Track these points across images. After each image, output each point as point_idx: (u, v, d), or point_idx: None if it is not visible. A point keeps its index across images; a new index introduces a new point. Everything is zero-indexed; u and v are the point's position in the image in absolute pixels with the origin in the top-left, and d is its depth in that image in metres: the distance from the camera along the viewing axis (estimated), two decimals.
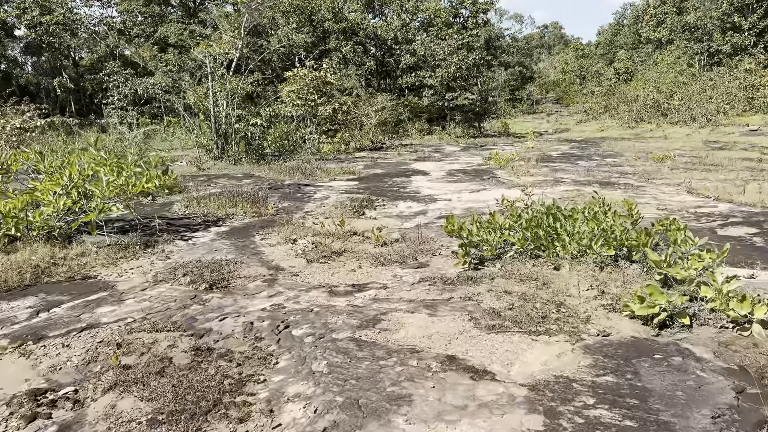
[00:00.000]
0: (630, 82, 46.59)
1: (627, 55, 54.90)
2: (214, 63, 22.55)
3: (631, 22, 61.78)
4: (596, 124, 41.15)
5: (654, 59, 54.17)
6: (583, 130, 40.06)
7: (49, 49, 41.25)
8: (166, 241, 9.71)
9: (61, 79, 40.78)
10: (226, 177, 18.79)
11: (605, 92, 44.56)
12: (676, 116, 37.28)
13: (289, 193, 15.00)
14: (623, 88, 44.13)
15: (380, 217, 12.02)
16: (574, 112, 46.94)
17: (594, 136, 36.21)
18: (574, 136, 35.78)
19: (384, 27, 43.62)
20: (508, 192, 14.42)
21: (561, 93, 55.29)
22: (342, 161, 23.14)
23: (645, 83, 42.30)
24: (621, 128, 38.41)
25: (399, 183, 16.67)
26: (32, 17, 39.61)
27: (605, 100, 43.36)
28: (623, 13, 65.21)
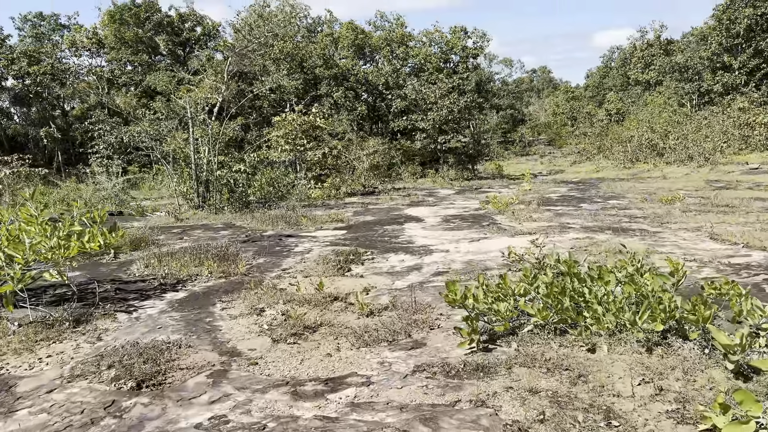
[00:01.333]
0: (622, 123, 45.43)
1: (617, 96, 54.02)
2: (195, 108, 20.99)
3: (619, 64, 61.21)
4: (591, 165, 39.73)
5: (644, 100, 53.31)
6: (578, 171, 38.61)
7: (37, 99, 39.87)
8: (104, 314, 7.79)
9: (49, 129, 39.29)
10: (204, 228, 16.95)
11: (598, 133, 43.32)
12: (672, 156, 35.89)
13: (267, 246, 13.14)
14: (616, 129, 42.91)
15: (368, 275, 10.15)
16: (568, 154, 45.59)
17: (590, 177, 34.72)
18: (570, 178, 34.28)
19: (375, 72, 42.60)
20: (512, 241, 12.61)
21: (553, 135, 54.11)
22: (331, 207, 21.37)
23: (638, 123, 41.09)
24: (617, 169, 36.98)
25: (391, 232, 14.84)
26: (20, 68, 38.33)
27: (599, 140, 42.07)
28: (611, 56, 64.82)
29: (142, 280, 10.06)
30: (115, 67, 39.55)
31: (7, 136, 43.22)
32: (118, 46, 38.30)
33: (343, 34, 43.92)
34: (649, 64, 56.41)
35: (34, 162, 38.15)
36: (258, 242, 13.73)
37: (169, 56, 38.90)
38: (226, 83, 21.31)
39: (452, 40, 45.91)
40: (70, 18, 44.46)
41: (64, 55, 40.99)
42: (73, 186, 25.30)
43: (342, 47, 43.69)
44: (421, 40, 46.77)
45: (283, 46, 40.36)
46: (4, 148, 42.05)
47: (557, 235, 13.11)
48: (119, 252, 12.94)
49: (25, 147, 45.12)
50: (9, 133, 43.54)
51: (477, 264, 10.58)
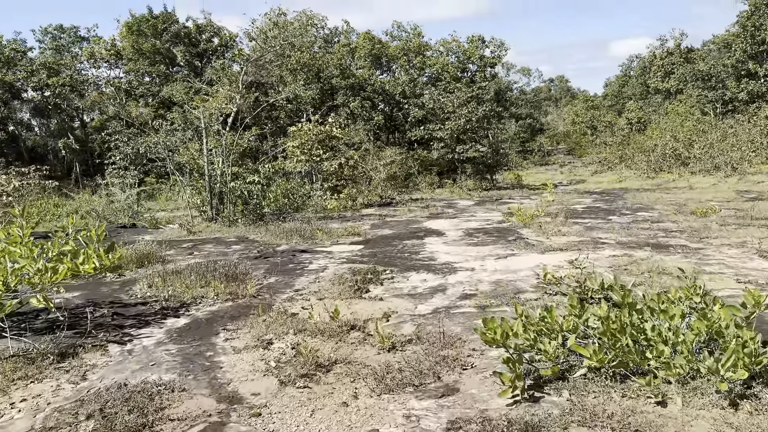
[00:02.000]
0: (644, 132, 44.07)
1: (636, 105, 52.60)
2: (209, 118, 20.22)
3: (638, 73, 59.78)
4: (613, 175, 38.42)
5: (664, 109, 51.88)
6: (599, 181, 37.34)
7: (56, 110, 39.58)
8: (95, 345, 6.87)
9: (67, 140, 38.92)
10: (216, 242, 16.08)
11: (620, 142, 41.98)
12: (697, 165, 34.52)
13: (279, 263, 12.20)
14: (638, 138, 41.57)
15: (388, 297, 9.16)
16: (588, 163, 44.27)
17: (613, 187, 33.46)
18: (592, 188, 33.06)
19: (392, 82, 41.77)
20: (543, 258, 11.55)
21: (572, 144, 52.74)
22: (347, 219, 20.42)
23: (661, 132, 39.73)
24: (640, 179, 35.67)
25: (410, 247, 13.84)
26: (39, 80, 38.06)
27: (620, 150, 40.74)
28: (630, 64, 63.39)
29: (143, 302, 9.15)
30: (132, 78, 39.12)
31: (27, 148, 43.00)
32: (135, 57, 37.89)
33: (360, 44, 43.20)
34: (669, 73, 54.97)
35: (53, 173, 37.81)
36: (270, 258, 12.80)
37: (186, 67, 38.44)
38: (240, 93, 20.51)
39: (470, 50, 44.98)
40: (89, 30, 44.27)
41: (83, 67, 40.67)
42: (87, 197, 24.65)
43: (359, 57, 42.95)
44: (438, 49, 45.92)
45: (300, 57, 39.72)
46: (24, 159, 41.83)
47: (591, 252, 12.01)
48: (124, 269, 12.09)
49: (45, 158, 44.89)
50: (29, 145, 43.33)
51: (507, 285, 9.54)
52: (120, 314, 8.44)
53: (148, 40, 37.98)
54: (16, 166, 33.47)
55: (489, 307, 8.21)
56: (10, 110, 39.40)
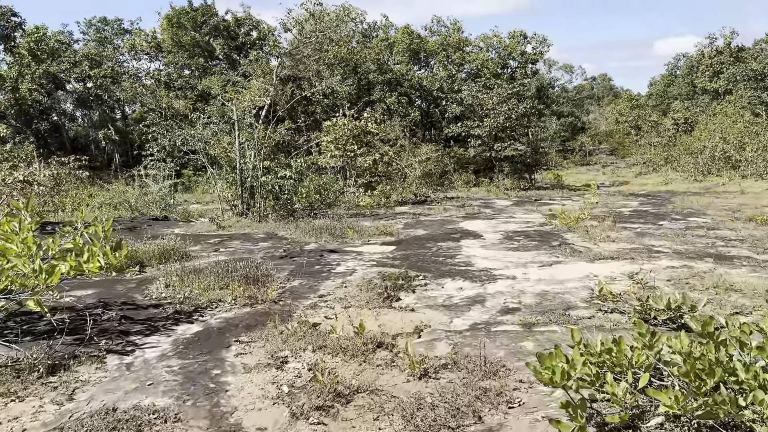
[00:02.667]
0: (691, 133, 41.92)
1: (683, 105, 50.21)
2: (242, 111, 19.55)
3: (685, 72, 57.17)
4: (658, 177, 36.56)
5: (712, 109, 49.42)
6: (643, 183, 35.54)
7: (97, 102, 39.72)
8: (92, 356, 6.11)
9: (107, 131, 39.02)
10: (243, 238, 15.36)
11: (665, 143, 39.99)
12: (749, 169, 32.48)
13: (306, 263, 11.34)
14: (685, 139, 39.51)
15: (420, 307, 8.20)
16: (632, 164, 42.35)
17: (658, 189, 31.73)
18: (636, 190, 31.40)
19: (429, 78, 40.69)
20: (593, 268, 10.41)
21: (615, 144, 50.67)
22: (380, 217, 19.52)
23: (709, 134, 37.63)
24: (686, 181, 33.78)
25: (446, 250, 12.83)
26: (81, 71, 38.21)
27: (666, 151, 38.78)
28: (676, 63, 60.71)
29: (157, 304, 8.40)
30: (171, 70, 38.96)
31: (69, 138, 43.39)
32: (175, 49, 37.68)
33: (398, 39, 42.22)
34: (718, 72, 52.38)
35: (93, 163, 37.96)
36: (297, 258, 11.97)
37: (224, 60, 38.10)
38: (274, 85, 19.77)
39: (511, 45, 43.53)
40: (132, 23, 44.41)
41: (125, 59, 40.74)
42: (121, 189, 24.33)
43: (397, 52, 41.97)
44: (479, 45, 44.60)
45: (338, 51, 38.95)
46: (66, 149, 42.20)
47: (646, 262, 10.81)
48: (145, 265, 11.43)
49: (87, 148, 45.28)
50: (71, 135, 43.71)
51: (554, 298, 8.47)
52: (129, 318, 7.69)
53: (187, 33, 37.76)
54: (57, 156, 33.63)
55: (535, 325, 7.17)
56: (54, 101, 39.70)
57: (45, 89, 38.62)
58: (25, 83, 36.39)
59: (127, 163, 43.82)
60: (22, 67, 36.48)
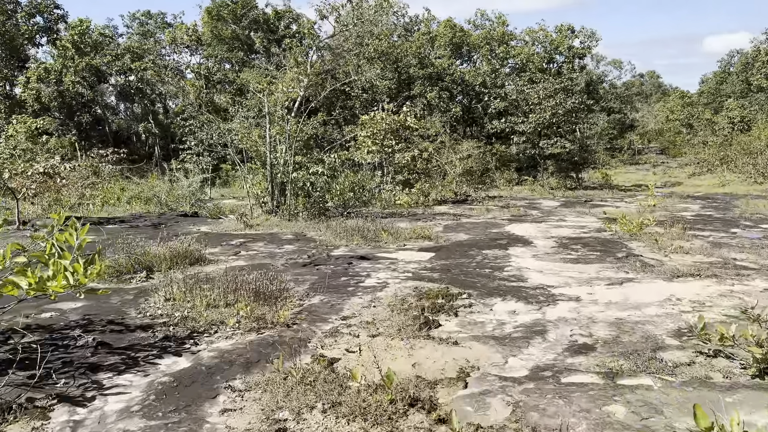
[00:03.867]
0: (748, 132, 38.64)
1: (737, 104, 46.63)
2: (273, 102, 18.07)
3: (739, 69, 53.33)
4: (713, 179, 33.66)
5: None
6: (697, 184, 32.73)
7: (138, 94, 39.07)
8: (36, 407, 4.57)
9: (147, 124, 38.32)
10: (269, 239, 13.84)
11: (721, 143, 36.91)
12: None
13: (331, 273, 9.69)
14: (742, 139, 36.35)
15: (465, 338, 6.44)
16: (684, 164, 39.33)
17: (715, 192, 29.01)
18: (690, 191, 28.76)
19: (472, 72, 38.56)
20: (673, 288, 8.43)
21: (666, 143, 47.46)
22: (417, 218, 17.76)
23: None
24: (745, 184, 30.86)
25: (492, 260, 10.99)
26: (123, 64, 37.56)
27: (722, 151, 35.73)
28: (729, 60, 56.80)
29: (148, 325, 6.87)
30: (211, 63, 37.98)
31: (112, 131, 43.01)
32: (214, 43, 36.66)
33: (440, 32, 40.22)
34: None
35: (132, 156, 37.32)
36: (322, 266, 10.33)
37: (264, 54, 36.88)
38: (308, 75, 18.22)
39: (557, 40, 41.02)
40: (176, 17, 43.68)
41: (166, 52, 40.00)
42: (152, 183, 23.23)
43: (438, 46, 39.98)
44: (524, 39, 42.22)
45: (378, 45, 37.26)
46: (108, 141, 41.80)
47: (736, 282, 8.76)
48: (154, 270, 9.99)
49: (128, 142, 44.89)
50: (114, 128, 43.31)
51: (633, 331, 6.59)
52: (107, 345, 6.16)
53: (227, 26, 36.69)
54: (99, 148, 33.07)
55: (619, 375, 5.32)
56: (96, 93, 39.23)
57: (87, 82, 38.16)
58: (68, 76, 35.92)
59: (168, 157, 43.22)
60: (65, 60, 36.01)
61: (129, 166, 28.54)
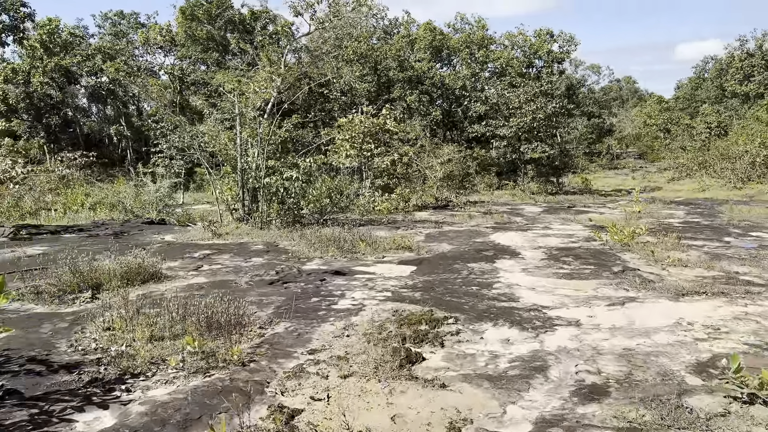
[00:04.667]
0: (725, 137, 38.37)
1: (713, 109, 46.50)
2: (245, 102, 16.87)
3: (713, 75, 53.35)
4: (692, 183, 33.18)
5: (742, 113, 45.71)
6: (677, 189, 32.22)
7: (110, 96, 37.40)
8: None
9: (119, 126, 36.68)
10: (237, 250, 12.65)
11: (699, 147, 36.53)
12: None
13: (301, 293, 8.56)
14: (720, 144, 36.01)
15: (453, 378, 5.39)
16: (663, 169, 38.88)
17: (696, 197, 28.48)
18: (671, 196, 28.19)
19: (452, 76, 37.66)
20: (680, 309, 7.47)
21: (644, 147, 47.12)
22: (398, 225, 16.70)
23: (747, 138, 34.13)
24: (725, 188, 30.41)
25: (479, 275, 9.95)
26: (94, 64, 35.90)
27: (700, 156, 35.33)
28: (704, 66, 56.83)
29: (76, 363, 5.67)
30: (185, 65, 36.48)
31: (83, 133, 41.16)
32: (188, 43, 35.21)
33: (420, 35, 39.28)
34: (749, 76, 48.61)
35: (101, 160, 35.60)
36: (291, 284, 9.18)
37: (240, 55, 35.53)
38: (282, 75, 17.06)
39: (537, 44, 40.35)
40: (149, 17, 42.07)
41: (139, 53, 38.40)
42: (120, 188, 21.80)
43: (418, 49, 39.00)
44: (503, 43, 41.47)
45: (357, 47, 36.15)
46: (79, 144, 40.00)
47: (749, 302, 7.84)
48: (102, 289, 8.76)
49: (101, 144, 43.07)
50: (85, 131, 41.48)
51: (646, 365, 5.59)
52: (17, 394, 4.95)
53: (202, 26, 35.27)
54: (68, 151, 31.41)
55: (643, 430, 4.29)
56: (66, 95, 37.45)
57: (57, 83, 36.39)
58: (36, 76, 34.15)
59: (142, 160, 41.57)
60: (34, 60, 34.25)
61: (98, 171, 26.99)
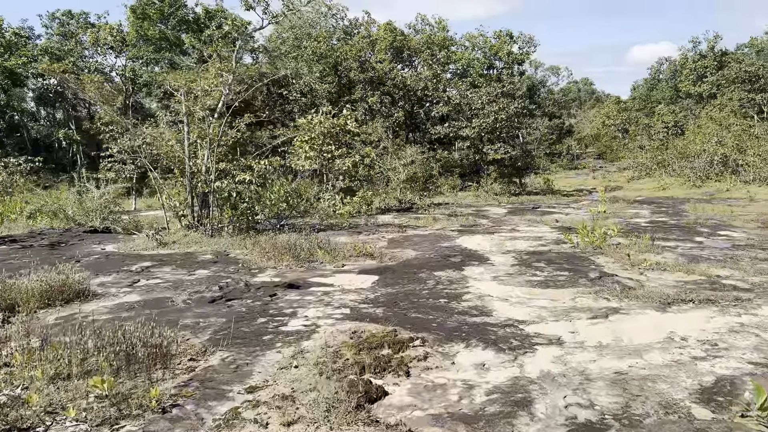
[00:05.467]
0: (682, 136, 38.69)
1: (669, 109, 47.02)
2: (194, 102, 15.58)
3: (668, 76, 54.12)
4: (652, 182, 33.22)
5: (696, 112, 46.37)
6: (638, 188, 32.20)
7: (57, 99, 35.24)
8: None
9: (68, 130, 34.55)
10: (181, 261, 11.40)
11: (658, 147, 36.65)
12: (751, 174, 29.27)
13: (246, 313, 7.43)
14: (678, 143, 36.23)
15: (421, 422, 4.40)
16: (623, 168, 38.96)
17: (657, 195, 28.44)
18: (632, 195, 28.05)
19: (414, 77, 36.85)
20: (669, 321, 6.65)
21: (603, 148, 47.35)
22: (359, 231, 15.67)
23: (704, 137, 34.39)
24: (684, 187, 30.49)
25: (446, 284, 9.00)
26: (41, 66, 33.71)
27: (659, 155, 35.44)
28: (658, 68, 57.64)
29: None
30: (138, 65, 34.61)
31: (31, 138, 38.75)
32: (140, 43, 33.42)
33: (380, 36, 38.35)
34: (701, 76, 49.43)
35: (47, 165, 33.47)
36: (237, 300, 8.04)
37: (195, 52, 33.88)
38: (234, 71, 15.85)
39: (497, 45, 39.93)
40: (100, 17, 39.87)
41: (89, 54, 36.32)
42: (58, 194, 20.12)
43: (379, 50, 38.08)
44: (464, 44, 40.94)
45: (316, 47, 35.00)
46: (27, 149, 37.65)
47: (741, 311, 7.09)
48: (18, 311, 7.47)
49: (51, 149, 40.70)
50: (33, 135, 39.08)
51: (644, 393, 4.71)
52: None
53: (154, 26, 33.54)
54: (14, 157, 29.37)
55: None
56: (11, 98, 35.11)
57: (1, 85, 34.06)
58: None
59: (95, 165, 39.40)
60: None
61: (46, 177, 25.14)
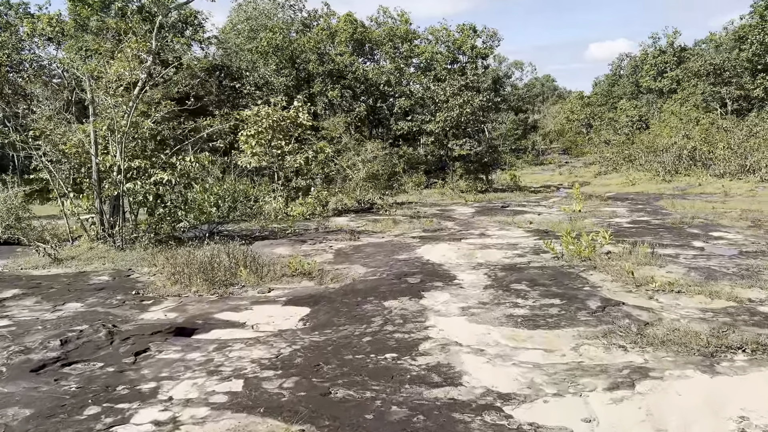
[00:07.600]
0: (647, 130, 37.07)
1: (631, 104, 45.55)
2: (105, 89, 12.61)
3: (629, 72, 52.81)
4: (620, 177, 31.32)
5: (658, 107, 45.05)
6: (605, 183, 30.22)
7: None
8: None
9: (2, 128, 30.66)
10: (64, 285, 8.51)
11: (623, 141, 34.87)
12: (721, 167, 27.57)
13: (78, 391, 4.66)
14: (644, 137, 34.52)
15: None
16: (589, 163, 37.10)
17: (626, 191, 26.38)
18: (600, 191, 25.92)
19: (376, 71, 34.19)
20: (726, 392, 4.12)
21: (568, 143, 45.66)
22: (305, 239, 12.93)
23: (671, 131, 32.70)
24: (654, 182, 28.62)
25: (398, 325, 6.37)
26: None
27: (626, 149, 33.63)
28: (619, 64, 56.40)
29: None
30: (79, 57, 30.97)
31: None
32: (78, 34, 29.86)
33: (340, 28, 35.52)
34: (662, 72, 48.22)
35: None
36: (80, 364, 5.23)
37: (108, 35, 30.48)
38: (152, 51, 12.93)
39: (460, 39, 37.56)
40: (41, 8, 36.04)
41: (26, 46, 32.50)
42: None
43: (339, 42, 35.25)
44: (427, 38, 38.43)
45: (272, 38, 32.00)
46: None
47: None
48: None
49: None
50: None
51: None
52: None
53: (95, 14, 30.00)
54: None
55: None
56: None
57: None
58: None
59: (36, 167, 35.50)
60: None
61: None
